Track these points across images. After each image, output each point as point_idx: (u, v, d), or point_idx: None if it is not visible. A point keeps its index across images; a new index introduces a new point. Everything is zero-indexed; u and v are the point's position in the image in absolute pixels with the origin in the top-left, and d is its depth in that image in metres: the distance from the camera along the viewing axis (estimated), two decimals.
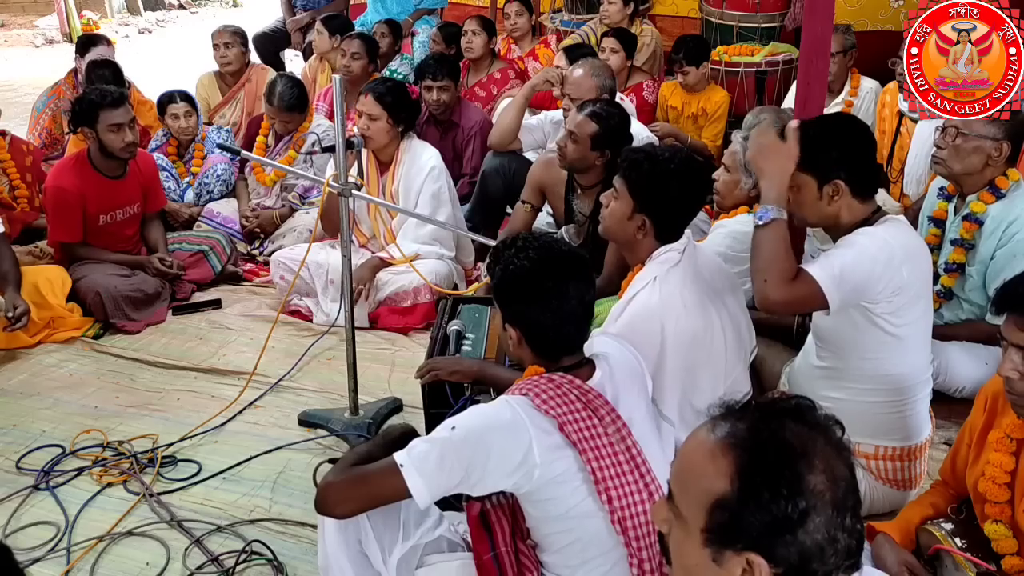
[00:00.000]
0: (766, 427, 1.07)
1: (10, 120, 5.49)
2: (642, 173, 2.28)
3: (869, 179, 2.26)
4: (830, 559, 1.04)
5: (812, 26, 2.68)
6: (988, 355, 2.83)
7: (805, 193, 2.25)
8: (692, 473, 1.10)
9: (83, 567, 2.38)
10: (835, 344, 2.35)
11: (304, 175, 3.99)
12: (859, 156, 2.24)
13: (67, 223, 3.73)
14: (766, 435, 1.06)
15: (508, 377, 2.40)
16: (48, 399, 3.19)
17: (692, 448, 1.12)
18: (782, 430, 1.06)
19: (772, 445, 1.05)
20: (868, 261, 2.14)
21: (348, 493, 1.73)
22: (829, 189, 2.21)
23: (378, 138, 3.70)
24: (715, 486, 1.06)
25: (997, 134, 2.76)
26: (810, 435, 1.06)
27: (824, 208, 2.25)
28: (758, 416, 1.09)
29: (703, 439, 1.11)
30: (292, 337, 3.61)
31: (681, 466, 1.13)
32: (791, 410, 1.09)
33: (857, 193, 2.23)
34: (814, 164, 2.21)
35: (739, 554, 1.04)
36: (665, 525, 1.15)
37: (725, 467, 1.05)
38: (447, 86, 4.42)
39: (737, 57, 5.14)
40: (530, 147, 4.19)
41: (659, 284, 2.26)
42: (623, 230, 2.33)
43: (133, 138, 3.71)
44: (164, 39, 11.12)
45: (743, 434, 1.07)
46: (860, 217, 2.25)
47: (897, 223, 2.25)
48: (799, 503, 1.02)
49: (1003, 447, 1.89)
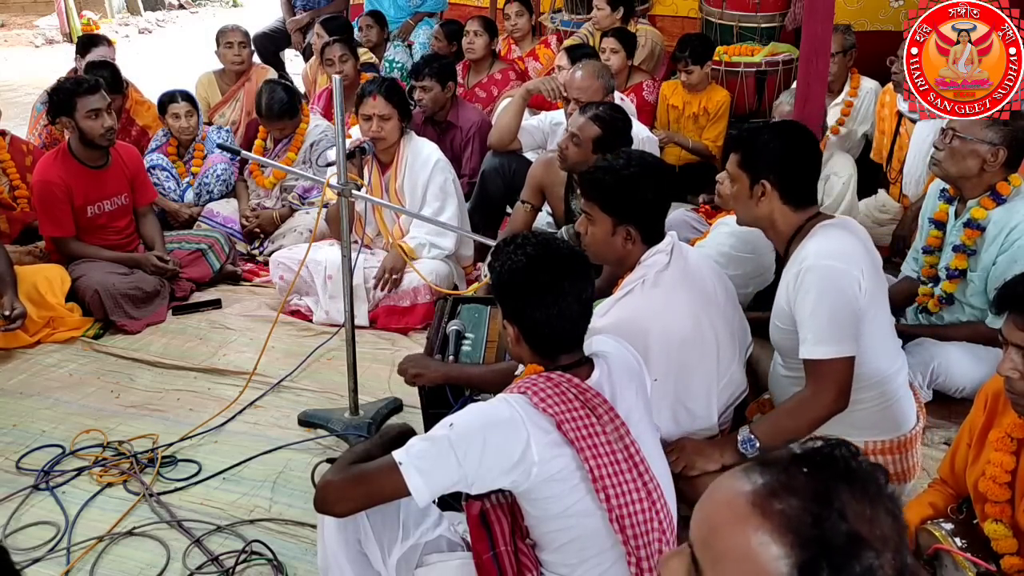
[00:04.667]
0: (828, 511, 0.88)
1: (10, 120, 5.49)
2: (609, 187, 2.29)
3: (801, 188, 2.29)
4: None
5: (812, 26, 2.69)
6: (988, 356, 2.83)
7: (738, 189, 2.32)
8: (730, 553, 0.91)
9: (83, 567, 2.38)
10: (793, 354, 2.34)
11: (304, 175, 4.00)
12: (792, 163, 2.27)
13: (56, 216, 3.74)
14: (830, 524, 0.87)
15: (479, 375, 2.41)
16: (48, 399, 3.19)
17: (729, 520, 0.92)
18: (847, 514, 0.88)
19: (839, 537, 0.87)
20: (840, 299, 2.15)
21: (347, 492, 1.73)
22: (758, 189, 2.27)
23: (391, 137, 3.69)
24: (767, 574, 0.88)
25: (994, 139, 2.75)
26: (872, 512, 0.89)
27: (753, 208, 2.30)
28: (814, 490, 0.89)
29: (744, 513, 0.90)
30: (292, 337, 3.61)
31: (712, 538, 0.93)
32: (849, 476, 0.91)
33: (787, 199, 2.26)
34: (747, 163, 2.28)
35: None
36: None
37: (780, 556, 0.87)
38: (428, 86, 4.41)
39: (737, 57, 5.14)
40: (530, 148, 4.19)
41: (647, 287, 2.27)
42: (610, 248, 2.34)
43: (112, 123, 3.73)
44: (164, 39, 11.13)
45: (803, 518, 0.88)
46: (794, 225, 2.28)
47: (830, 232, 2.24)
48: None
49: (1003, 446, 1.89)
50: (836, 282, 2.15)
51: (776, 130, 2.36)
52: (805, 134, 2.34)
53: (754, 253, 3.04)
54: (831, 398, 2.15)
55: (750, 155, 2.28)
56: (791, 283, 2.22)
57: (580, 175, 2.45)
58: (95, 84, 3.73)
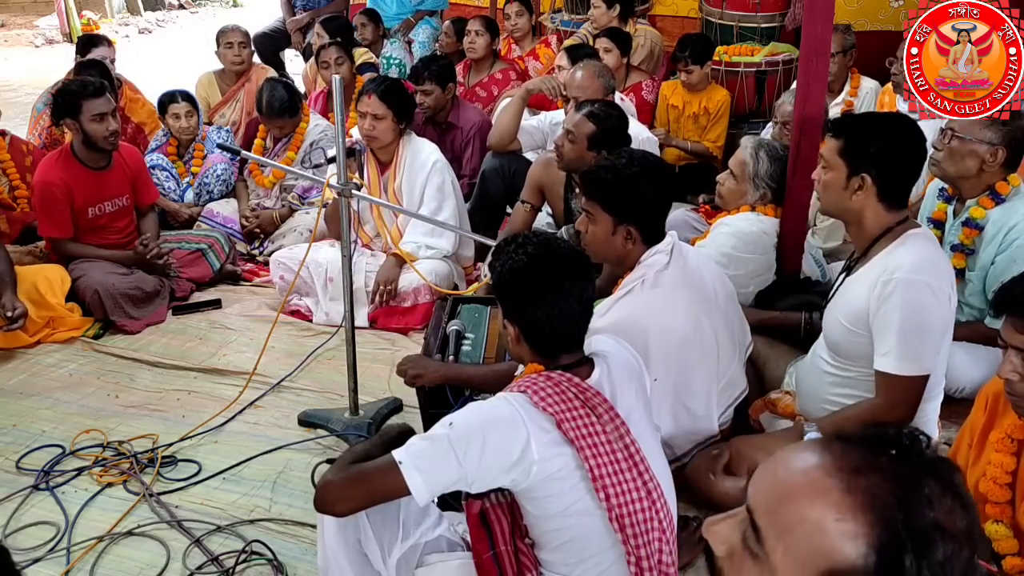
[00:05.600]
0: (916, 496, 0.85)
1: (10, 120, 5.49)
2: (610, 186, 2.28)
3: (899, 187, 2.22)
4: None
5: (812, 26, 2.69)
6: (988, 356, 2.83)
7: (833, 178, 2.23)
8: (804, 524, 0.86)
9: (83, 567, 2.38)
10: (852, 356, 2.31)
11: (304, 175, 3.99)
12: (897, 160, 2.19)
13: (56, 217, 3.73)
14: (918, 509, 0.84)
15: (479, 375, 2.41)
16: (48, 399, 3.19)
17: (806, 490, 0.87)
18: (933, 503, 0.85)
19: (924, 523, 0.84)
20: (933, 318, 2.12)
21: (347, 491, 1.73)
22: (856, 181, 2.19)
23: (384, 137, 3.69)
24: (840, 553, 0.84)
25: (993, 139, 2.73)
26: (956, 511, 0.86)
27: (846, 200, 2.22)
28: (901, 474, 0.86)
29: (825, 485, 0.87)
30: (292, 337, 3.61)
31: (784, 506, 0.88)
32: (934, 467, 0.88)
33: (884, 196, 2.19)
34: (850, 152, 2.19)
35: None
36: (724, 547, 0.94)
37: (859, 534, 0.84)
38: (429, 90, 4.41)
39: (737, 57, 5.14)
40: (530, 148, 4.18)
41: (647, 286, 2.27)
42: (611, 247, 2.33)
43: (116, 127, 3.73)
44: (164, 39, 11.13)
45: (888, 499, 0.85)
46: (884, 225, 2.22)
47: (922, 244, 2.19)
48: None
49: (1004, 447, 1.89)
50: (930, 301, 2.12)
51: (886, 123, 2.26)
52: (916, 132, 2.24)
53: (755, 253, 3.04)
54: (905, 412, 2.15)
55: (855, 144, 2.18)
56: (877, 289, 2.16)
57: (582, 174, 2.45)
58: (100, 87, 3.73)
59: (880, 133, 2.19)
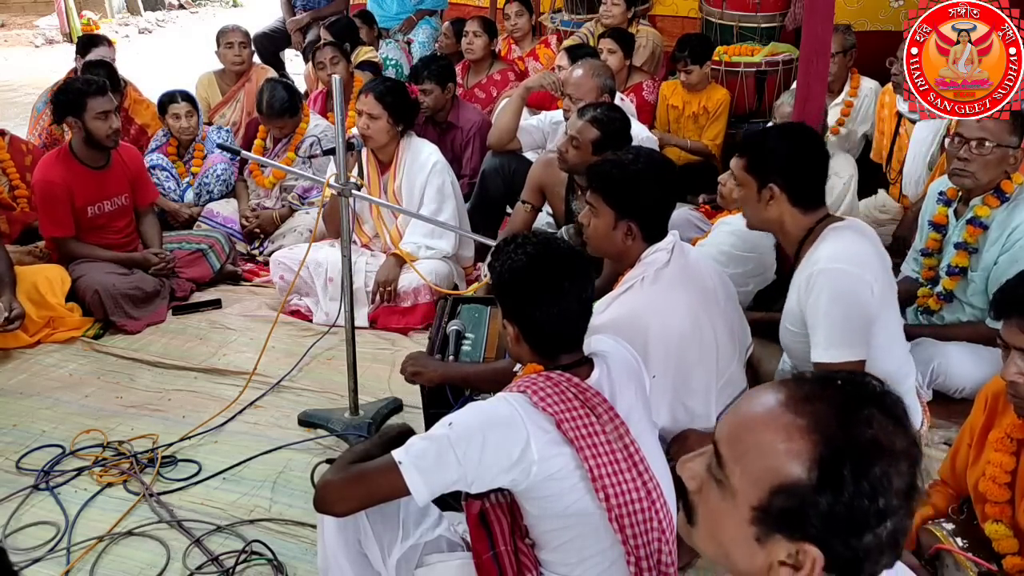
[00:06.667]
0: (856, 417, 0.95)
1: (10, 120, 5.51)
2: (614, 181, 2.31)
3: (809, 190, 2.28)
4: (883, 562, 0.97)
5: (812, 26, 2.69)
6: (988, 356, 2.83)
7: (746, 193, 2.32)
8: (758, 447, 0.97)
9: (83, 567, 2.38)
10: (801, 358, 2.33)
11: (304, 175, 4.00)
12: (800, 165, 2.27)
13: (57, 216, 3.73)
14: (856, 428, 0.94)
15: (478, 373, 2.41)
16: (48, 399, 3.19)
17: (761, 419, 0.98)
18: (872, 423, 0.95)
19: (864, 437, 0.94)
20: (852, 303, 2.15)
21: (347, 491, 1.73)
22: (766, 193, 2.27)
23: (378, 137, 3.70)
24: (787, 469, 0.94)
25: (1016, 142, 2.74)
26: (897, 432, 0.96)
27: (762, 211, 2.30)
28: (844, 400, 0.97)
29: (776, 412, 0.97)
30: (292, 337, 3.61)
31: (742, 432, 1.00)
32: (878, 397, 0.98)
33: (796, 201, 2.26)
34: (754, 166, 2.28)
35: (793, 542, 0.95)
36: (695, 483, 1.05)
37: (804, 452, 0.94)
38: (429, 89, 4.41)
39: (737, 57, 5.14)
40: (530, 147, 4.18)
41: (647, 284, 2.27)
42: (611, 242, 2.34)
43: (118, 125, 3.75)
44: (164, 39, 11.13)
45: (830, 420, 0.95)
46: (804, 227, 2.28)
47: (841, 234, 2.24)
48: (880, 503, 0.93)
49: (1003, 447, 1.89)
50: (848, 286, 2.15)
51: (782, 132, 2.35)
52: (811, 136, 2.33)
53: (755, 252, 3.04)
54: None
55: (757, 159, 2.27)
56: (803, 286, 2.22)
57: (588, 167, 2.47)
58: (103, 86, 3.74)
59: (777, 143, 2.27)
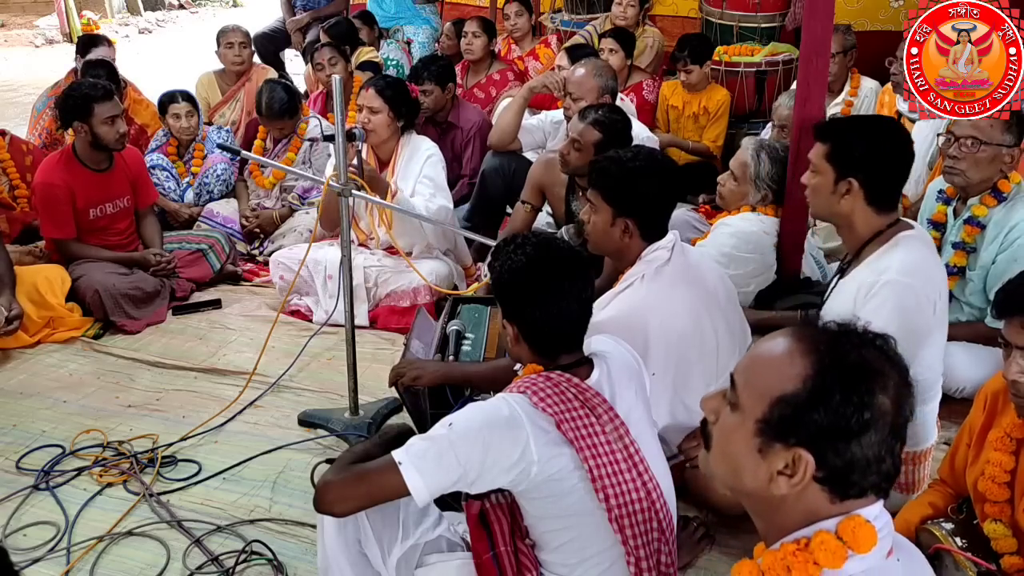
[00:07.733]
0: (848, 343, 1.10)
1: (10, 120, 5.51)
2: (612, 178, 2.31)
3: (887, 190, 2.22)
4: (871, 476, 1.08)
5: (812, 26, 2.69)
6: (988, 355, 2.83)
7: (821, 182, 2.25)
8: (764, 367, 1.12)
9: (83, 567, 2.38)
10: None
11: (304, 175, 3.99)
12: (883, 164, 2.19)
13: (58, 218, 3.74)
14: (847, 349, 1.09)
15: (477, 372, 2.41)
16: (48, 399, 3.19)
17: (769, 347, 1.14)
18: (862, 349, 1.09)
19: (851, 359, 1.08)
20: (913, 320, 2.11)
21: (346, 491, 1.73)
22: (843, 185, 2.20)
23: (379, 131, 3.69)
24: (785, 383, 1.08)
25: (1012, 141, 2.73)
26: (887, 362, 1.09)
27: (835, 204, 2.23)
28: (841, 333, 1.12)
29: (782, 342, 1.13)
30: (292, 337, 3.61)
31: (753, 360, 1.16)
32: (872, 339, 1.12)
33: (872, 200, 2.20)
34: (836, 156, 2.20)
35: (789, 449, 1.08)
36: (713, 415, 1.18)
37: (800, 368, 1.08)
38: (429, 89, 4.41)
39: (737, 57, 5.14)
40: (530, 147, 4.19)
41: (647, 282, 2.28)
42: (609, 238, 2.35)
43: (125, 129, 3.77)
44: (164, 39, 11.14)
45: (824, 344, 1.10)
46: (874, 228, 2.22)
47: (912, 245, 2.19)
48: (864, 415, 1.05)
49: (1003, 446, 1.89)
50: (913, 303, 2.12)
51: (872, 125, 2.27)
52: (902, 135, 2.25)
53: (756, 252, 3.04)
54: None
55: (841, 149, 2.19)
56: (863, 290, 2.16)
57: (590, 163, 2.48)
58: (109, 90, 3.74)
59: (866, 137, 2.19)
